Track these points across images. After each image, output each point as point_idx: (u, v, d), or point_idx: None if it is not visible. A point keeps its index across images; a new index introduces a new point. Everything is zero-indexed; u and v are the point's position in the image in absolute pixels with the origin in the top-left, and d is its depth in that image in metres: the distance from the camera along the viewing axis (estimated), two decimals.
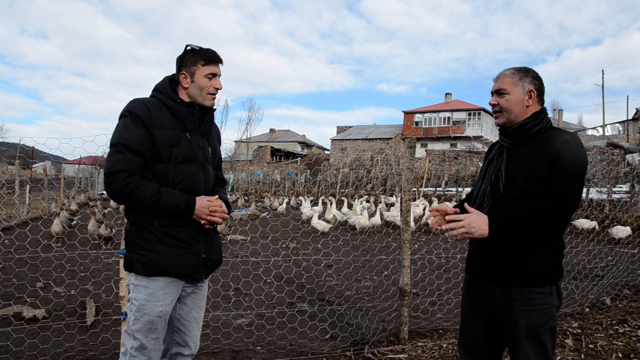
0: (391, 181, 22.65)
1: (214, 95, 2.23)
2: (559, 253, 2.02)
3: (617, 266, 6.78)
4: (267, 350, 3.75)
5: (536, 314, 1.95)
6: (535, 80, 2.05)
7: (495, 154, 2.15)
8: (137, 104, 2.11)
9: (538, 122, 2.01)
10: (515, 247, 1.97)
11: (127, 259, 2.15)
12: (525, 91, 2.03)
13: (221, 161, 2.50)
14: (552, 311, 1.98)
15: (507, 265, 1.99)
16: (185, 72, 2.18)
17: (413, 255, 7.35)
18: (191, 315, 2.30)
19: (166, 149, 2.10)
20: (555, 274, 2.00)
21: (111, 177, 2.01)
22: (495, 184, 2.05)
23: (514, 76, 2.05)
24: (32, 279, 5.56)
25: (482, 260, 2.09)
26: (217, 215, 2.16)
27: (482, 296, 2.11)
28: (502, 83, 2.07)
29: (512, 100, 2.03)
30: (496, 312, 2.05)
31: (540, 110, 2.06)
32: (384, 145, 45.19)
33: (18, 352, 3.50)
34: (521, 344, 1.98)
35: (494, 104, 2.10)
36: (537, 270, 1.96)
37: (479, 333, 2.16)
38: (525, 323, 1.96)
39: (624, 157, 21.57)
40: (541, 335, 1.96)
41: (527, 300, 1.96)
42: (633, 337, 4.05)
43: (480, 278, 2.12)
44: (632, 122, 37.01)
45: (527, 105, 2.03)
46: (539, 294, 1.96)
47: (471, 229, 1.95)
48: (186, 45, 2.20)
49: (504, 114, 2.06)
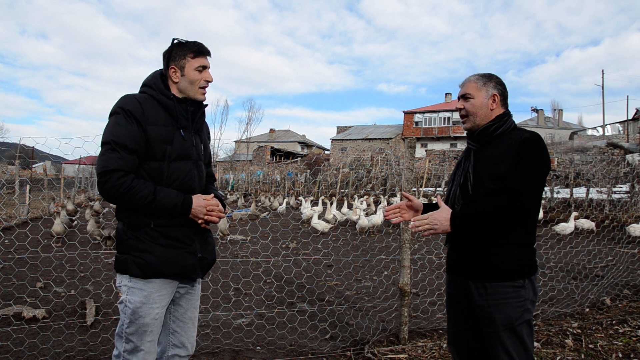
0: (391, 181, 22.65)
1: (205, 89, 2.19)
2: (529, 248, 2.10)
3: (617, 266, 6.78)
4: (267, 350, 3.75)
5: (511, 308, 2.03)
6: (498, 85, 2.18)
7: (463, 157, 2.27)
8: (129, 100, 2.04)
9: (502, 124, 2.13)
10: (485, 243, 2.06)
11: (121, 260, 2.08)
12: (489, 95, 2.15)
13: (211, 157, 2.46)
14: (527, 304, 2.05)
15: (479, 262, 2.08)
16: (174, 66, 2.13)
17: (413, 255, 7.35)
18: (186, 316, 2.26)
19: (160, 147, 2.05)
20: (527, 268, 2.07)
21: (105, 176, 1.94)
22: (464, 185, 2.15)
23: (478, 81, 2.18)
24: (32, 279, 5.56)
25: (457, 259, 2.19)
26: (214, 214, 2.13)
27: (462, 293, 2.19)
28: (467, 88, 2.19)
29: (477, 104, 2.15)
30: (475, 309, 2.12)
31: (503, 112, 2.17)
32: (384, 145, 45.17)
33: (18, 352, 3.50)
34: (500, 337, 2.05)
35: (460, 107, 2.22)
36: (507, 265, 2.04)
37: (465, 330, 2.24)
38: (500, 317, 2.03)
39: (624, 157, 21.58)
40: (517, 328, 2.03)
41: (500, 295, 2.04)
42: (633, 337, 4.05)
43: (457, 276, 2.21)
44: (632, 122, 37.01)
45: (491, 108, 2.15)
46: (512, 287, 2.04)
47: (434, 226, 2.07)
48: (173, 38, 2.15)
49: (470, 117, 2.18)
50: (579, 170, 18.45)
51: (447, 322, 2.36)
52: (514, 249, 2.06)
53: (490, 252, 2.06)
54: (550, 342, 3.92)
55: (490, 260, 2.06)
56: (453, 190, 2.23)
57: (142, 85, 2.18)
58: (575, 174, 18.12)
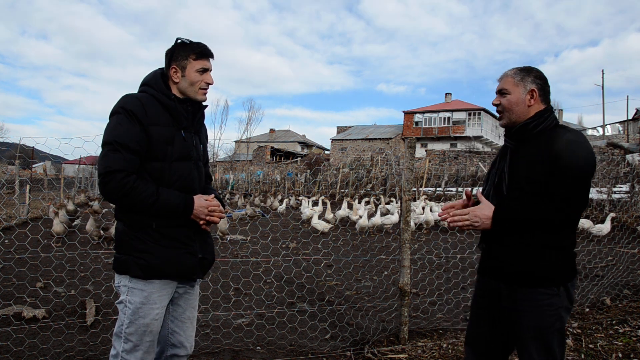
0: (391, 181, 22.63)
1: (205, 90, 2.19)
2: (567, 253, 1.96)
3: (617, 266, 6.78)
4: (267, 350, 3.74)
5: (541, 315, 1.92)
6: (537, 79, 2.03)
7: (499, 154, 2.14)
8: (131, 100, 2.02)
9: (542, 121, 1.99)
10: (520, 246, 1.95)
11: (121, 261, 2.07)
12: (527, 91, 2.02)
13: (208, 157, 2.46)
14: (560, 312, 1.93)
15: (512, 264, 1.97)
16: (176, 67, 2.12)
17: (413, 255, 7.34)
18: (185, 316, 2.26)
19: (162, 147, 2.04)
20: (563, 274, 1.94)
21: (108, 177, 1.92)
22: (498, 185, 2.04)
23: (515, 76, 2.05)
24: (32, 279, 5.55)
25: (489, 260, 2.09)
26: (215, 214, 2.14)
27: (491, 295, 2.10)
28: (504, 83, 2.07)
29: (513, 100, 2.03)
30: (503, 313, 2.03)
31: (544, 109, 2.03)
32: (384, 145, 45.17)
33: (18, 352, 3.50)
34: (526, 344, 1.95)
35: (497, 103, 2.10)
36: (541, 271, 1.92)
37: (485, 333, 2.15)
38: (529, 324, 1.93)
39: (624, 157, 21.56)
40: (547, 336, 1.93)
41: (532, 301, 1.93)
42: (633, 337, 4.05)
43: (488, 277, 2.11)
44: (632, 122, 37.02)
45: (529, 104, 2.02)
46: (545, 294, 1.92)
47: (474, 222, 1.96)
48: (177, 38, 2.15)
49: (506, 114, 2.06)
50: None
51: (469, 322, 2.27)
52: (551, 253, 1.93)
53: (524, 256, 1.94)
54: None
55: (523, 264, 1.94)
56: (487, 190, 2.12)
57: (141, 84, 2.17)
58: None
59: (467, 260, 6.95)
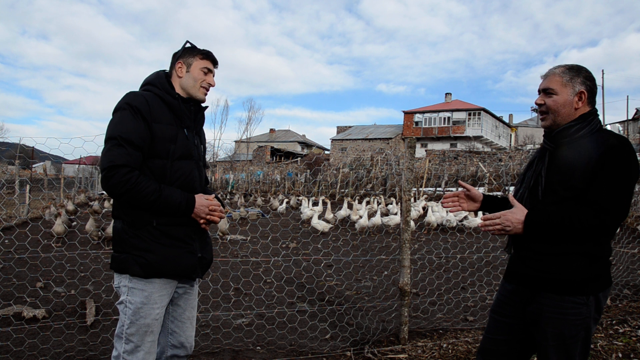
0: (391, 181, 22.64)
1: (206, 89, 2.24)
2: (600, 262, 1.87)
3: (617, 266, 6.78)
4: (267, 350, 3.74)
5: (566, 324, 1.84)
6: (587, 80, 1.91)
7: (536, 156, 2.03)
8: (136, 97, 2.04)
9: (586, 125, 1.88)
10: (551, 252, 1.87)
11: (120, 260, 2.06)
12: (576, 92, 1.89)
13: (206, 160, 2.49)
14: (587, 322, 1.85)
15: (541, 270, 1.90)
16: (182, 62, 2.19)
17: (413, 255, 7.35)
18: (185, 316, 2.26)
19: (164, 145, 2.05)
20: (594, 284, 1.85)
21: (112, 171, 1.91)
22: (534, 189, 1.95)
23: (564, 75, 1.91)
24: (32, 279, 5.56)
25: (518, 265, 2.01)
26: (215, 214, 2.15)
27: (514, 302, 2.02)
28: (551, 82, 1.93)
29: (560, 101, 1.90)
30: (527, 317, 1.97)
31: (589, 112, 1.92)
32: (384, 145, 45.18)
33: (18, 352, 3.50)
34: (548, 352, 1.90)
35: (540, 103, 1.97)
36: (571, 279, 1.84)
37: (500, 340, 2.08)
38: (553, 332, 1.87)
39: None
40: (570, 346, 1.86)
41: (558, 309, 1.86)
42: (633, 337, 4.05)
43: (514, 282, 2.04)
44: (632, 122, 37.03)
45: (576, 107, 1.90)
46: (572, 303, 1.84)
47: (506, 227, 1.87)
48: (186, 41, 2.22)
49: (550, 115, 1.94)
50: None
51: (487, 327, 2.17)
52: (583, 261, 1.83)
53: (554, 261, 1.86)
54: None
55: (553, 270, 1.86)
56: (521, 192, 2.01)
57: (144, 84, 2.20)
58: None
59: (467, 260, 6.95)
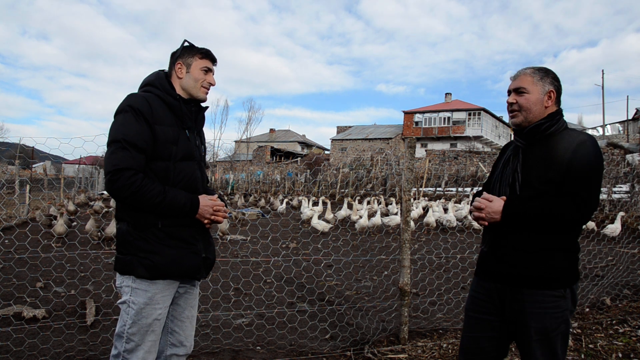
0: (391, 181, 22.64)
1: (207, 89, 2.24)
2: (574, 256, 1.98)
3: (617, 266, 6.78)
4: (267, 350, 3.74)
5: (548, 318, 1.92)
6: (555, 81, 2.04)
7: (510, 154, 2.12)
8: (138, 99, 2.04)
9: (554, 123, 2.00)
10: (529, 249, 1.95)
11: (125, 262, 2.05)
12: (546, 91, 2.01)
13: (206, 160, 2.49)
14: (566, 315, 1.95)
15: (520, 267, 1.96)
16: (181, 63, 2.18)
17: (413, 255, 7.35)
18: (184, 315, 2.26)
19: (167, 147, 2.05)
20: (570, 277, 1.96)
21: (116, 175, 1.91)
22: (512, 185, 2.03)
23: (534, 75, 2.03)
24: (32, 279, 5.56)
25: (495, 263, 2.05)
26: (219, 214, 2.15)
27: (492, 299, 2.06)
28: (522, 81, 2.03)
29: (532, 99, 2.01)
30: (507, 315, 2.01)
31: (556, 111, 2.04)
32: (384, 145, 45.18)
33: (18, 352, 3.50)
34: (532, 347, 1.94)
35: (512, 102, 2.06)
36: (550, 273, 1.93)
37: (480, 337, 2.12)
38: (536, 326, 1.92)
39: (624, 157, 21.55)
40: (552, 339, 1.93)
41: (539, 303, 1.93)
42: (633, 337, 4.05)
43: (491, 280, 2.07)
44: (632, 122, 37.03)
45: (546, 105, 2.01)
46: (552, 296, 1.93)
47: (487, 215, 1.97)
48: (184, 40, 2.21)
49: (522, 113, 2.03)
50: None
51: (465, 326, 2.21)
52: (559, 255, 1.94)
53: (532, 257, 1.94)
54: None
55: (532, 266, 1.94)
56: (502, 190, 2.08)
57: (144, 84, 2.19)
58: None
59: (467, 260, 6.95)
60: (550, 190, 1.91)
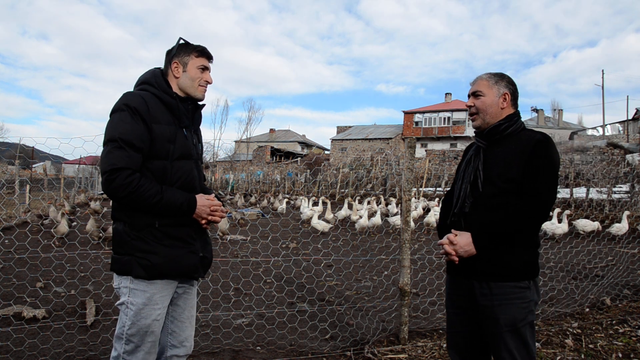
0: (391, 181, 22.63)
1: (204, 87, 2.22)
2: (535, 250, 2.12)
3: (617, 266, 6.78)
4: (267, 350, 3.74)
5: (515, 308, 2.03)
6: (509, 84, 2.18)
7: (472, 154, 2.25)
8: (134, 98, 2.01)
9: (512, 124, 2.14)
10: (494, 246, 2.05)
11: (123, 262, 2.03)
12: (500, 94, 2.16)
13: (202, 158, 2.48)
14: (531, 306, 2.06)
15: (486, 262, 2.07)
16: (177, 62, 2.16)
17: (413, 255, 7.35)
18: (184, 316, 2.26)
19: (164, 146, 2.04)
20: (532, 269, 2.09)
21: (113, 174, 1.89)
22: (474, 182, 2.15)
23: (489, 79, 2.18)
24: (32, 279, 5.55)
25: (462, 259, 2.14)
26: (217, 214, 2.14)
27: (464, 294, 2.19)
28: (478, 85, 2.20)
29: (488, 101, 2.16)
30: (479, 309, 2.11)
31: (513, 113, 2.18)
32: (384, 145, 45.17)
33: (18, 352, 3.50)
34: (503, 338, 2.04)
35: (470, 105, 2.22)
36: (514, 266, 2.05)
37: (464, 332, 2.23)
38: (504, 318, 2.03)
39: (624, 157, 21.56)
40: (521, 329, 2.03)
41: (506, 295, 2.04)
42: (633, 337, 4.05)
43: (460, 276, 2.19)
44: (632, 122, 37.03)
45: (501, 107, 2.16)
46: (518, 288, 2.04)
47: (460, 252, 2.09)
48: (179, 37, 2.19)
49: (479, 115, 2.19)
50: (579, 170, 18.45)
51: (447, 324, 2.34)
52: (521, 250, 2.06)
53: (497, 252, 2.05)
54: (550, 342, 3.92)
55: (497, 260, 2.05)
56: (463, 187, 2.21)
57: (140, 83, 2.17)
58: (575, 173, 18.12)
59: None
60: (511, 188, 2.03)
